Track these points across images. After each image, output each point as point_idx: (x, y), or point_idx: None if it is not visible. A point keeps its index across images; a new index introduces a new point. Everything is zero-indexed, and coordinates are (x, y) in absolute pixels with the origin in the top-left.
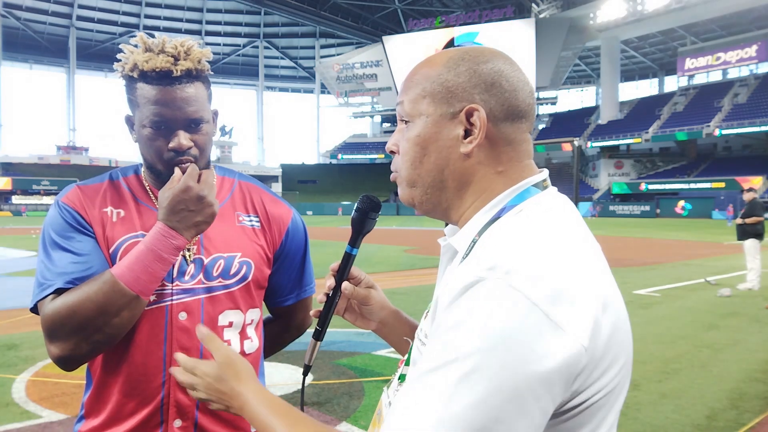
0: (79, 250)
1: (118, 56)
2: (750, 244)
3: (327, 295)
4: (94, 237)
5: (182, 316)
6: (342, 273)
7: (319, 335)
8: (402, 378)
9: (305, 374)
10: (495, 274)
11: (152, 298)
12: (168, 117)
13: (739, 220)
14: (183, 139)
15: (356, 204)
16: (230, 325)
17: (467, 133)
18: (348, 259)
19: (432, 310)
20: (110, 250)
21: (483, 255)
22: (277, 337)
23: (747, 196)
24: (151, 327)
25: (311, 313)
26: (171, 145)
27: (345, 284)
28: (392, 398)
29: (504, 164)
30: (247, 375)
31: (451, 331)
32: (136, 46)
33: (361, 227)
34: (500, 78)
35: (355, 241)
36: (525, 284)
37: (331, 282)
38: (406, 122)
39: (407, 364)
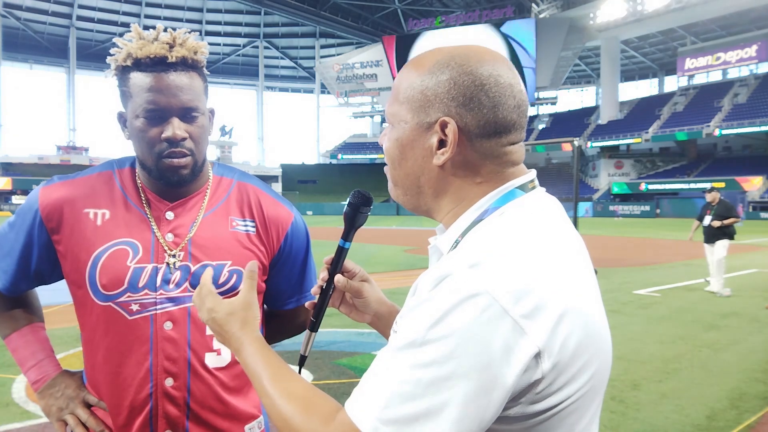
0: (7, 251)
1: (112, 51)
2: (724, 245)
3: (321, 287)
4: (34, 244)
5: (168, 325)
6: (335, 266)
7: (314, 326)
8: None
9: (301, 365)
10: (461, 268)
11: (136, 307)
12: (162, 104)
13: (716, 223)
14: (177, 128)
15: (348, 199)
16: None
17: (443, 144)
18: (341, 253)
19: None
20: (92, 257)
21: (457, 253)
22: (275, 334)
23: (712, 197)
24: (136, 337)
25: (306, 304)
26: (164, 134)
27: (338, 277)
28: None
29: (483, 176)
30: (251, 324)
31: (414, 318)
32: (130, 40)
33: (353, 221)
34: (480, 93)
35: (347, 235)
36: (488, 280)
37: (324, 274)
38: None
39: None
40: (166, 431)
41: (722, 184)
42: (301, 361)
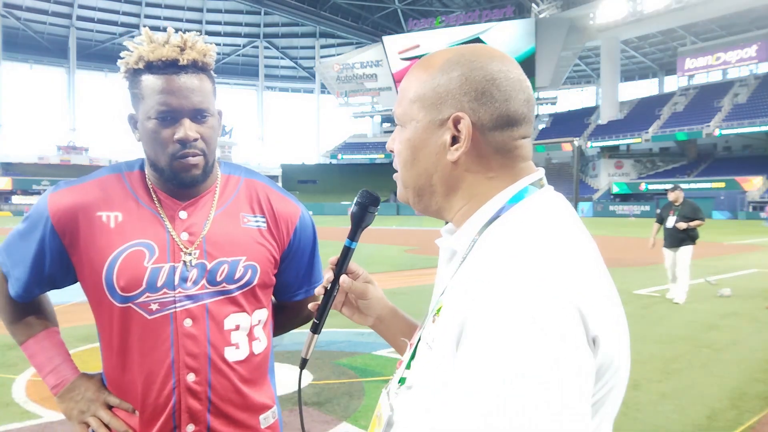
0: (19, 260)
1: (122, 54)
2: (689, 251)
3: (325, 288)
4: (46, 252)
5: (187, 322)
6: (341, 266)
7: (316, 328)
8: (402, 381)
9: (302, 368)
10: (508, 278)
11: (155, 307)
12: (174, 106)
13: (681, 224)
14: (189, 129)
15: (356, 198)
16: (237, 328)
17: (455, 140)
18: (347, 253)
19: (436, 313)
20: (108, 260)
21: (490, 259)
22: (283, 325)
23: (675, 196)
24: (157, 336)
25: (309, 306)
26: (177, 136)
27: (343, 278)
28: (392, 401)
29: (495, 170)
30: None
31: (485, 348)
32: (140, 44)
33: (360, 221)
34: (492, 86)
35: (354, 235)
36: (546, 284)
37: (329, 275)
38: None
39: (407, 367)
40: (189, 425)
41: (722, 184)
42: (303, 364)
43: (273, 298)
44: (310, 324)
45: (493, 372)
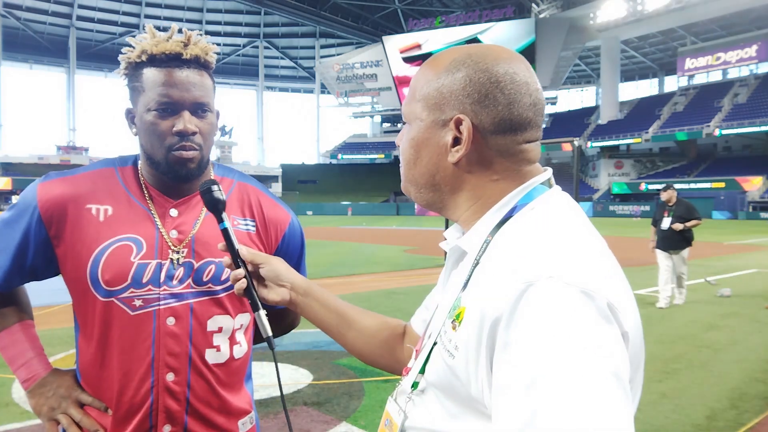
0: (2, 248)
1: (124, 50)
2: (685, 256)
3: (236, 266)
4: (30, 241)
5: (170, 321)
6: (231, 245)
7: (255, 306)
8: (415, 386)
9: (272, 347)
10: (543, 275)
11: (139, 303)
12: (175, 98)
13: (677, 225)
14: (188, 122)
15: (201, 195)
16: (219, 330)
17: (457, 141)
18: (226, 233)
19: (456, 319)
20: (94, 253)
21: (511, 258)
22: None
23: (668, 195)
24: (138, 333)
25: (235, 291)
26: (176, 128)
27: (241, 247)
28: (404, 407)
29: (499, 173)
30: None
31: (528, 349)
32: (143, 40)
33: (215, 204)
34: (495, 90)
35: (219, 217)
36: (577, 279)
37: (227, 260)
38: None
39: (421, 371)
40: (166, 425)
41: (722, 184)
42: (269, 343)
43: None
44: (307, 328)
45: (521, 374)
